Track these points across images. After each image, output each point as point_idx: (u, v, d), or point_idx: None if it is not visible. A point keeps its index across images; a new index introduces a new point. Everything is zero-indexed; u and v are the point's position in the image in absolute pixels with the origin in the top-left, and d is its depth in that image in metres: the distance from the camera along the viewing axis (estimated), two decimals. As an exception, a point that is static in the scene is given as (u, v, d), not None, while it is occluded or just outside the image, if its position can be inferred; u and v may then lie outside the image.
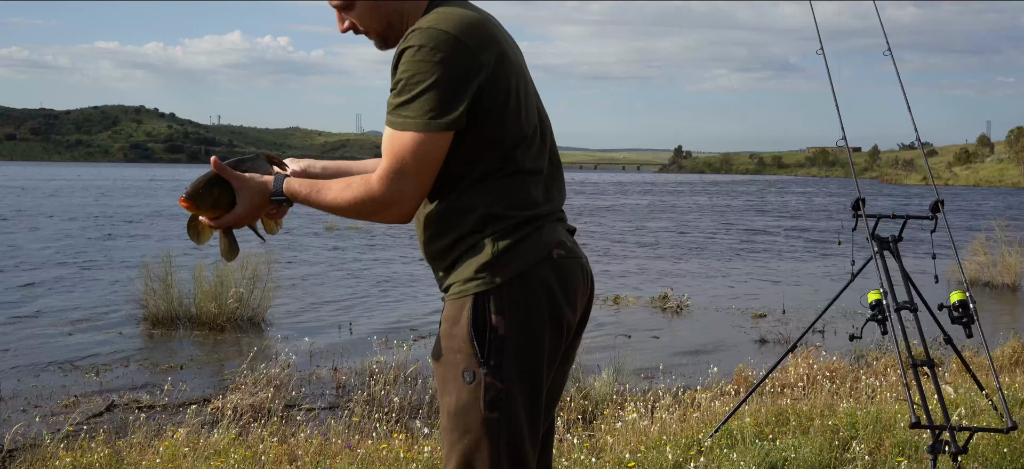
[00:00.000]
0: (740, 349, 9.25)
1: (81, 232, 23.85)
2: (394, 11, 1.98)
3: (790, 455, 4.25)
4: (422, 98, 1.81)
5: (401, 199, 1.87)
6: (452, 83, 1.81)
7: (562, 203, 2.09)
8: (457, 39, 1.82)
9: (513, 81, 1.92)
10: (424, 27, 1.84)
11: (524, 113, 1.94)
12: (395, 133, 1.85)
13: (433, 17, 1.88)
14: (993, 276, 14.05)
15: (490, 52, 1.86)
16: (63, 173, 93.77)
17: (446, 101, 1.81)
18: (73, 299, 12.46)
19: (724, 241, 24.15)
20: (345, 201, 1.92)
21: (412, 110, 1.82)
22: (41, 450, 4.70)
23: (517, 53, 2.01)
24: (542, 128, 2.03)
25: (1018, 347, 7.62)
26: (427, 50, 1.81)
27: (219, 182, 2.00)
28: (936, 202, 4.60)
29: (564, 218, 2.09)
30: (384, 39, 2.02)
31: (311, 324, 10.53)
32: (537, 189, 1.98)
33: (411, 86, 1.82)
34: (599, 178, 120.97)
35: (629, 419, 5.09)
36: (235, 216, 2.02)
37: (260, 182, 2.03)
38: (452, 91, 1.81)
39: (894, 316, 4.15)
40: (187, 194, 1.97)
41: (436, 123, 1.81)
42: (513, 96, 1.91)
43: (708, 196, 58.68)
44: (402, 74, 1.84)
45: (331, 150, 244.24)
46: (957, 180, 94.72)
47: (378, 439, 4.77)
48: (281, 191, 2.02)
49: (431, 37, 1.82)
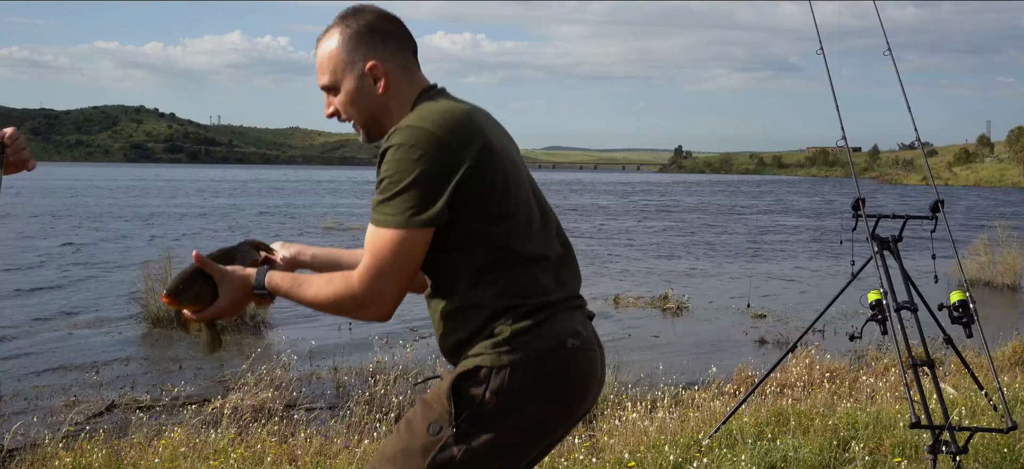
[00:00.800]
0: (740, 349, 9.25)
1: (81, 232, 23.86)
2: (378, 106, 1.98)
3: (790, 455, 4.25)
4: (402, 196, 1.82)
5: (380, 297, 1.87)
6: (432, 180, 1.82)
7: (578, 288, 2.05)
8: (437, 136, 1.83)
9: (500, 172, 1.89)
10: (405, 126, 1.85)
11: (514, 202, 1.92)
12: (376, 230, 1.86)
13: (415, 115, 1.88)
14: (993, 276, 14.05)
15: (472, 146, 1.85)
16: (63, 173, 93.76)
17: (426, 198, 1.82)
18: (73, 299, 12.46)
19: (724, 241, 24.15)
20: (325, 298, 1.92)
21: (392, 207, 1.83)
22: (41, 450, 4.70)
23: (506, 143, 1.99)
24: (542, 212, 2.00)
25: (1018, 347, 7.63)
26: (406, 148, 1.82)
27: (201, 276, 2.01)
28: (936, 202, 4.60)
29: (582, 305, 2.04)
30: (367, 132, 2.03)
31: (311, 324, 10.53)
32: (546, 276, 1.95)
33: (392, 184, 1.83)
34: (599, 178, 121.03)
35: (629, 419, 5.09)
36: (217, 310, 2.02)
37: (242, 277, 2.02)
38: (432, 188, 1.82)
39: (894, 316, 4.15)
40: (168, 291, 1.99)
41: (416, 220, 1.82)
42: (500, 188, 1.89)
43: (708, 196, 58.70)
44: (384, 172, 1.84)
45: (331, 150, 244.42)
46: (957, 180, 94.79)
47: (378, 439, 4.77)
48: (263, 285, 2.01)
49: (411, 135, 1.83)
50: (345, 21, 1.99)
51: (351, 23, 1.98)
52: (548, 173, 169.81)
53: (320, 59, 2.00)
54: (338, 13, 2.03)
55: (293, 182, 78.07)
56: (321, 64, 2.00)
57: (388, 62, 1.97)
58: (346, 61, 1.97)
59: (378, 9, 2.03)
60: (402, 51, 2.00)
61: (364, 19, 1.99)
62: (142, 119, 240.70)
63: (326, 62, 1.99)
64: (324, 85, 2.01)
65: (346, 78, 1.98)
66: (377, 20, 1.99)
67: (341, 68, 1.98)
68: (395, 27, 2.01)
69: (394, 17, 2.03)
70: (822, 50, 4.74)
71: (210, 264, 2.02)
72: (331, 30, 2.00)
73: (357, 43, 1.97)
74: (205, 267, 2.01)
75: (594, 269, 17.32)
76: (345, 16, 2.00)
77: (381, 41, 1.98)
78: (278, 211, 35.23)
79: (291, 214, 33.13)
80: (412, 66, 2.01)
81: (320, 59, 2.00)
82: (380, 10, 2.02)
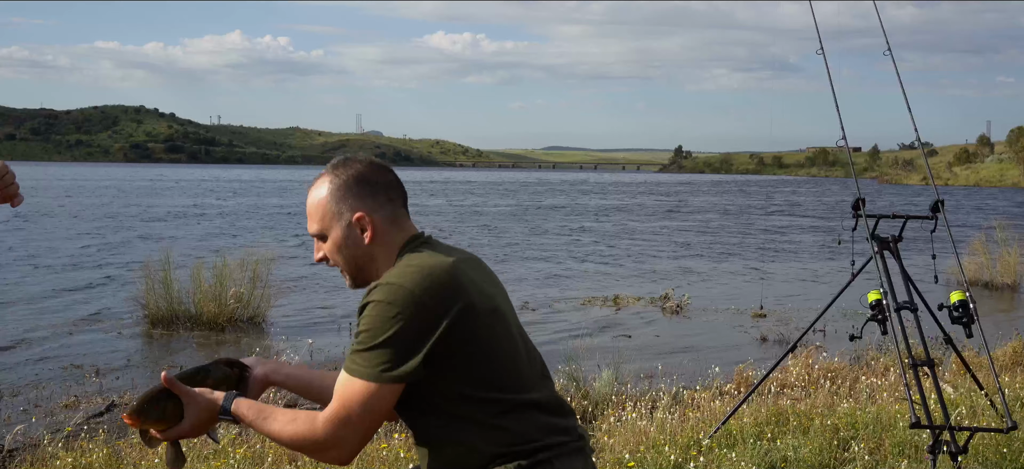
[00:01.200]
0: (740, 349, 9.24)
1: (81, 232, 23.86)
2: (364, 255, 2.01)
3: (790, 455, 4.25)
4: (376, 351, 1.85)
5: (342, 444, 1.89)
6: (408, 339, 1.85)
7: (574, 425, 2.05)
8: (415, 295, 1.85)
9: (482, 330, 1.91)
10: (385, 283, 1.88)
11: (498, 358, 1.93)
12: (347, 378, 1.89)
13: (397, 270, 1.92)
14: (993, 276, 14.05)
15: (452, 307, 1.87)
16: (62, 173, 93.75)
17: (400, 356, 1.85)
18: (73, 299, 12.46)
19: (724, 241, 24.16)
20: (288, 435, 1.94)
21: (365, 360, 1.86)
22: (41, 450, 4.70)
23: (491, 293, 2.00)
24: (530, 360, 2.02)
25: (1018, 347, 7.62)
26: (384, 305, 1.85)
27: (168, 396, 2.03)
28: (936, 202, 4.60)
29: (583, 447, 2.04)
30: (353, 279, 2.05)
31: (311, 324, 10.54)
32: (538, 421, 1.96)
33: (368, 339, 1.86)
34: (599, 178, 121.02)
35: (629, 419, 5.09)
36: (180, 431, 2.05)
37: (208, 401, 2.03)
38: (407, 347, 1.85)
39: (894, 316, 4.15)
40: (131, 410, 2.00)
41: (386, 375, 1.85)
42: (481, 347, 1.91)
43: (709, 196, 58.68)
44: (362, 327, 1.88)
45: (331, 149, 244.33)
46: (957, 180, 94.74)
47: (377, 439, 4.77)
48: (229, 411, 2.03)
49: (390, 293, 1.86)
50: (335, 171, 2.02)
51: (340, 174, 2.01)
52: (548, 173, 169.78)
53: (310, 207, 2.04)
54: (329, 162, 2.07)
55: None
56: (311, 212, 2.04)
57: (375, 213, 1.99)
58: (334, 211, 2.00)
59: (368, 159, 2.06)
60: (390, 202, 2.02)
61: (353, 170, 2.01)
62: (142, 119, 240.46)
63: (315, 210, 2.03)
64: (313, 232, 2.05)
65: (334, 227, 2.01)
66: (367, 171, 2.02)
67: (329, 217, 2.01)
68: (384, 177, 2.04)
69: (384, 167, 2.06)
70: (822, 50, 4.74)
71: (178, 386, 2.03)
72: (322, 179, 2.03)
73: (345, 193, 2.00)
74: (173, 388, 2.02)
75: (594, 269, 17.33)
76: (335, 166, 2.04)
77: (370, 193, 2.00)
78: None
79: (290, 212, 33.11)
80: (400, 216, 2.03)
81: (310, 207, 2.04)
82: (370, 161, 2.05)
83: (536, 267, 17.51)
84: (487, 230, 27.24)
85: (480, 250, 20.72)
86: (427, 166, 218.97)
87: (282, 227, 27.01)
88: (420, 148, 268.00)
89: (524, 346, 2.03)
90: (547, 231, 26.94)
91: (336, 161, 2.06)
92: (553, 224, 30.14)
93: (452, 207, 40.38)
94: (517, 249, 21.28)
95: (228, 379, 2.17)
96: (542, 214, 35.22)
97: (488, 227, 28.54)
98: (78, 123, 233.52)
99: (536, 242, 23.21)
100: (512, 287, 14.46)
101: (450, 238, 23.82)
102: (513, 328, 2.02)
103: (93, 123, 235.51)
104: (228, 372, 2.18)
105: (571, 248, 21.67)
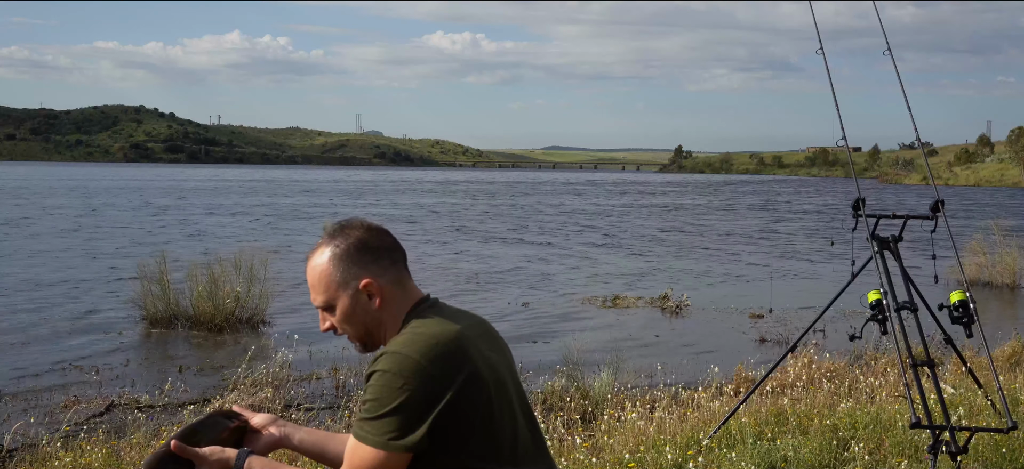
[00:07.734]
0: (740, 349, 9.24)
1: (80, 232, 23.85)
2: (372, 320, 2.00)
3: (790, 455, 4.25)
4: (384, 420, 1.86)
5: None
6: (414, 410, 1.85)
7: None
8: (421, 366, 1.85)
9: (484, 403, 1.91)
10: (391, 351, 1.88)
11: (498, 431, 1.94)
12: (357, 444, 1.89)
13: (403, 338, 1.91)
14: (993, 276, 14.05)
15: (456, 378, 1.88)
16: (62, 173, 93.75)
17: (406, 425, 1.85)
18: (73, 299, 12.46)
19: (723, 241, 24.15)
20: None
21: (373, 428, 1.87)
22: (40, 450, 4.70)
23: (495, 361, 2.00)
24: (531, 430, 2.04)
25: (1018, 347, 7.62)
26: (391, 375, 1.85)
27: (174, 460, 2.02)
28: (936, 202, 4.59)
29: None
30: (363, 345, 2.04)
31: (310, 324, 10.52)
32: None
33: (376, 408, 1.87)
34: (599, 178, 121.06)
35: (628, 419, 5.08)
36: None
37: (221, 461, 2.03)
38: (413, 417, 1.85)
39: (894, 316, 4.14)
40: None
41: (394, 444, 1.86)
42: (482, 420, 1.91)
43: (709, 196, 58.68)
44: (368, 396, 1.88)
45: (331, 149, 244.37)
46: (957, 180, 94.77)
47: None
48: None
49: (396, 363, 1.86)
50: (334, 240, 1.99)
51: (340, 243, 1.98)
52: (548, 173, 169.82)
53: (312, 278, 2.00)
54: (326, 230, 2.04)
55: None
56: (314, 283, 2.00)
57: (381, 278, 1.97)
58: (339, 281, 1.97)
59: (366, 224, 2.03)
60: (394, 265, 2.00)
61: (354, 237, 1.98)
62: (142, 119, 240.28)
63: (319, 281, 1.99)
64: (319, 305, 2.02)
65: (341, 297, 1.98)
66: (367, 236, 1.99)
67: (334, 287, 1.98)
68: (384, 241, 2.01)
69: (382, 230, 2.03)
70: (822, 50, 4.74)
71: (190, 451, 2.02)
72: (321, 248, 2.00)
73: (349, 262, 1.97)
74: (184, 455, 2.02)
75: (594, 269, 17.32)
76: (333, 234, 2.00)
77: (373, 258, 1.98)
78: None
79: (290, 212, 33.11)
80: (404, 278, 2.01)
81: (312, 278, 2.00)
82: (367, 225, 2.02)
83: (536, 267, 17.50)
84: (488, 230, 27.23)
85: (480, 249, 20.72)
86: (427, 166, 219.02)
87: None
88: (420, 148, 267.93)
89: (524, 418, 2.04)
90: (547, 231, 26.95)
91: (333, 228, 2.03)
92: (553, 224, 30.15)
93: (452, 207, 40.37)
94: (517, 249, 21.27)
95: (226, 432, 2.13)
96: (542, 214, 35.26)
97: (489, 227, 28.54)
98: (78, 123, 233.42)
99: (536, 242, 23.20)
100: (512, 287, 14.46)
101: (451, 240, 23.82)
102: (515, 401, 2.02)
103: (93, 123, 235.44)
104: (225, 424, 2.14)
105: (571, 248, 21.66)
